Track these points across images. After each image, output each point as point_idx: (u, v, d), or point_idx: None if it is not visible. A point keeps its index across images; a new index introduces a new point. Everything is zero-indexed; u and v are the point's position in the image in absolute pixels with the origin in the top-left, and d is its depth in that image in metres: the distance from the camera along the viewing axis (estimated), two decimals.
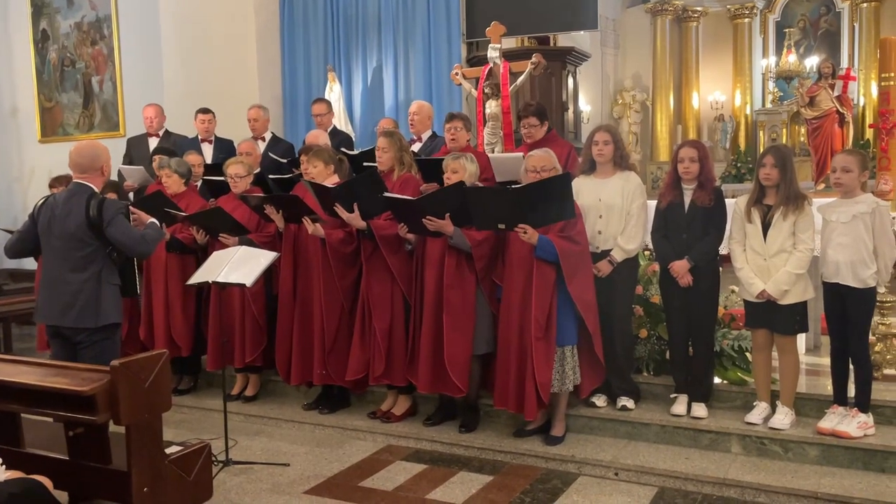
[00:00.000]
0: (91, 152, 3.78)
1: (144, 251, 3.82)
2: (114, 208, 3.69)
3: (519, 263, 4.14)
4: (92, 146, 3.86)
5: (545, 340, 4.07)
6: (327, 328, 4.74)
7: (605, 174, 4.44)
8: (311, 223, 4.64)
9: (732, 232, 4.17)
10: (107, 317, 3.74)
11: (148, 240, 3.81)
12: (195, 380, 5.69)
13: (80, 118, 9.76)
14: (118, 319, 3.85)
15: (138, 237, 3.75)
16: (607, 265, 4.32)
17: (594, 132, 4.49)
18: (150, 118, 6.92)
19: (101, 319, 3.72)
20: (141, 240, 3.76)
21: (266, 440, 4.74)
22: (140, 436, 2.87)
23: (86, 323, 3.69)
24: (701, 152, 4.20)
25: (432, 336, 4.39)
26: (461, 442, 4.41)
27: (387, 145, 4.61)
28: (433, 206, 4.18)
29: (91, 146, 3.86)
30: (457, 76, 6.12)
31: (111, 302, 3.76)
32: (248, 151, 5.74)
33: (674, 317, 4.33)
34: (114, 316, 3.79)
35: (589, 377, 4.28)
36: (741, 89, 12.98)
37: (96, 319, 3.71)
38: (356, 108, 8.28)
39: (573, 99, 8.33)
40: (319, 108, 6.52)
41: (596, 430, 4.39)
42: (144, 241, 3.78)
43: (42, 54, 9.88)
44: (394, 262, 4.51)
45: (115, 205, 3.73)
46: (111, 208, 3.68)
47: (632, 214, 4.34)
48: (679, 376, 4.37)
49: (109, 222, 3.64)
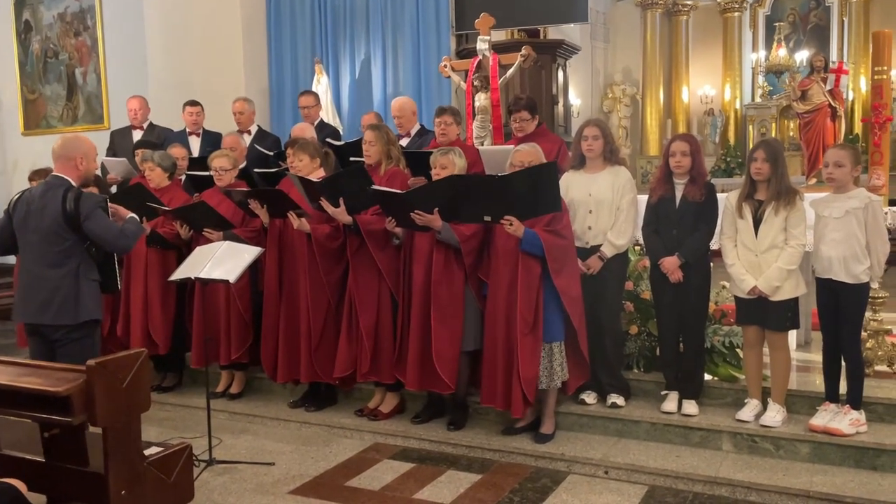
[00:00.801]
0: (69, 143, 3.68)
1: (124, 246, 3.73)
2: (92, 202, 3.59)
3: (505, 257, 4.07)
4: (74, 138, 3.77)
5: (531, 336, 4.01)
6: (313, 325, 4.66)
7: (595, 169, 4.38)
8: (296, 218, 4.55)
9: (723, 227, 4.12)
10: (86, 313, 3.65)
11: (127, 234, 3.71)
12: (180, 377, 5.60)
13: (63, 110, 9.64)
14: (98, 316, 3.76)
15: (117, 231, 3.65)
16: (597, 261, 4.27)
17: (583, 127, 4.44)
18: (134, 110, 6.81)
19: (80, 316, 3.63)
20: (120, 234, 3.66)
21: (251, 438, 4.66)
22: (118, 438, 2.78)
23: (64, 320, 3.60)
24: (693, 146, 4.14)
25: (420, 332, 4.32)
26: (449, 440, 4.34)
27: (374, 139, 4.53)
28: (422, 201, 4.10)
29: (73, 138, 3.77)
30: (445, 68, 6.04)
31: (90, 298, 3.67)
32: (233, 146, 5.63)
33: (664, 313, 4.28)
34: (93, 312, 3.69)
35: (575, 374, 4.23)
36: (731, 83, 12.96)
37: (75, 316, 3.62)
38: (344, 101, 8.18)
39: (563, 92, 8.27)
40: (307, 101, 6.42)
41: (586, 428, 4.33)
42: (124, 235, 3.68)
43: (25, 45, 9.73)
44: (380, 258, 4.43)
45: (92, 198, 3.63)
46: (89, 202, 3.58)
47: (622, 209, 4.28)
48: (669, 373, 4.32)
49: (87, 216, 3.55)
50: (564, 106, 8.26)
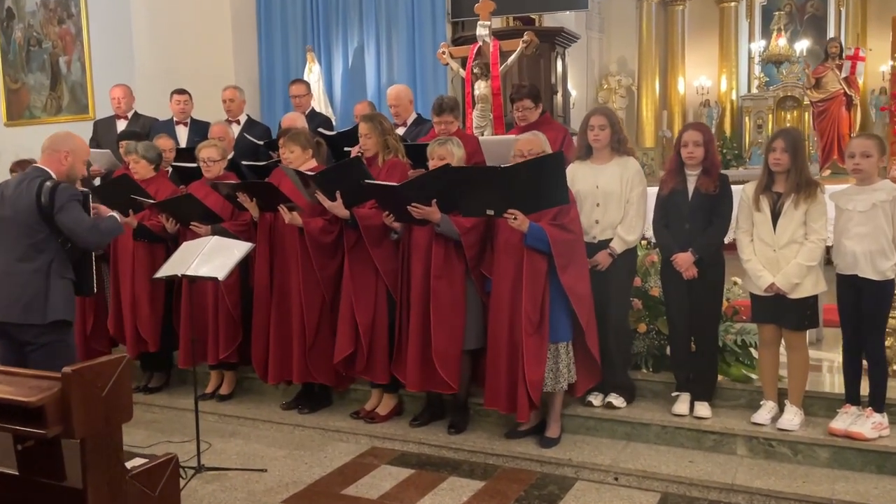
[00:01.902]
0: (59, 137, 3.50)
1: (95, 241, 3.49)
2: (67, 194, 3.36)
3: (508, 253, 3.87)
4: (67, 134, 3.60)
5: (537, 336, 3.81)
6: (308, 322, 4.44)
7: (602, 160, 4.17)
8: (287, 212, 4.33)
9: (739, 221, 3.92)
10: (55, 313, 3.41)
11: (101, 230, 3.49)
12: (167, 377, 5.36)
13: (47, 100, 9.40)
14: (69, 317, 3.51)
15: (89, 225, 3.42)
16: (606, 257, 4.07)
17: (589, 116, 4.22)
18: (118, 99, 6.55)
19: (49, 315, 3.39)
20: (92, 228, 3.43)
21: (242, 443, 4.45)
22: (97, 450, 2.56)
23: (33, 319, 3.37)
24: (706, 136, 3.94)
25: (420, 330, 4.11)
26: (450, 444, 4.14)
27: (368, 130, 4.31)
28: (418, 192, 3.89)
29: (67, 134, 3.60)
30: (444, 55, 5.80)
31: (61, 297, 3.43)
32: (221, 136, 5.40)
33: (675, 311, 4.08)
34: (63, 312, 3.45)
35: (585, 375, 4.03)
36: (727, 74, 12.79)
37: (44, 315, 3.38)
38: (336, 90, 7.94)
39: (562, 82, 8.05)
40: (298, 90, 6.18)
41: (593, 431, 4.14)
42: (97, 230, 3.45)
43: (7, 33, 9.47)
44: (377, 255, 4.21)
45: (69, 191, 3.39)
46: (64, 193, 3.35)
47: (631, 202, 4.08)
48: (681, 373, 4.13)
49: (60, 208, 3.32)
50: (563, 96, 8.03)
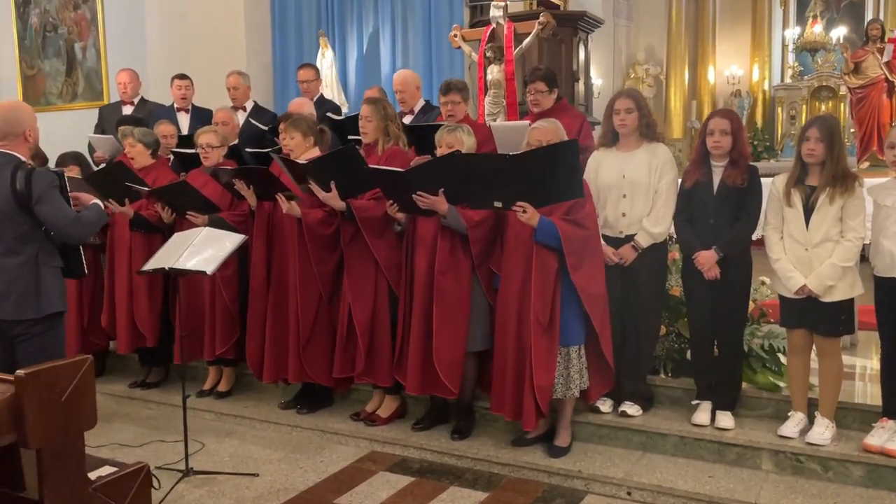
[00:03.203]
0: (11, 115, 3.23)
1: (79, 235, 3.28)
2: (45, 181, 3.14)
3: (517, 248, 3.60)
4: (13, 107, 3.32)
5: (546, 339, 3.54)
6: (302, 320, 4.21)
7: (630, 147, 3.87)
8: (285, 201, 4.10)
9: (768, 217, 3.62)
10: (49, 305, 3.23)
11: (84, 222, 3.26)
12: (166, 372, 5.18)
13: (63, 87, 9.30)
14: (62, 308, 3.32)
15: (72, 218, 3.20)
16: (631, 251, 3.78)
17: (615, 98, 3.91)
18: (124, 84, 6.38)
19: (43, 308, 3.21)
20: (75, 221, 3.21)
21: (237, 443, 4.25)
22: (55, 460, 2.35)
23: (26, 314, 3.19)
24: (734, 124, 3.63)
25: (422, 330, 3.86)
26: (453, 450, 3.90)
27: (370, 114, 4.05)
28: (424, 180, 3.63)
29: (12, 107, 3.32)
30: (456, 38, 5.51)
31: (53, 287, 3.25)
32: (224, 121, 5.18)
33: (697, 312, 3.79)
34: (57, 304, 3.26)
35: (597, 381, 3.75)
36: (759, 63, 12.32)
37: (38, 309, 3.20)
38: (350, 77, 7.71)
39: (584, 69, 7.71)
40: (306, 74, 5.94)
41: (606, 440, 3.87)
42: (79, 223, 3.23)
43: (24, 19, 9.36)
44: (378, 248, 3.97)
45: (45, 177, 3.17)
46: (41, 180, 3.13)
47: (660, 193, 3.77)
48: (702, 380, 3.84)
49: (39, 198, 3.11)
50: (586, 84, 7.69)
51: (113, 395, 5.08)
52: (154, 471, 3.81)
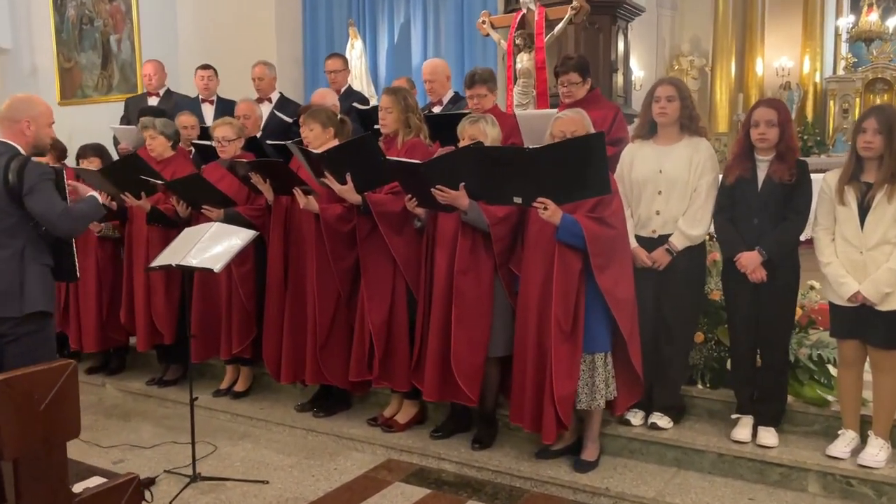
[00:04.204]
0: (15, 105, 3.12)
1: (68, 229, 3.13)
2: (37, 173, 3.00)
3: (538, 248, 3.36)
4: (24, 99, 3.21)
5: (568, 345, 3.29)
6: (320, 320, 4.03)
7: (669, 140, 3.59)
8: (302, 195, 3.92)
9: (818, 217, 3.31)
10: (32, 304, 3.08)
11: (74, 216, 3.12)
12: (184, 369, 5.04)
13: (98, 79, 9.33)
14: (47, 308, 3.17)
15: (61, 211, 3.06)
16: (665, 254, 3.51)
17: (655, 86, 3.60)
18: (149, 75, 6.29)
19: (26, 307, 3.07)
20: (64, 214, 3.07)
21: (250, 446, 4.09)
22: (34, 473, 2.19)
23: (8, 311, 3.05)
24: (782, 115, 3.32)
25: (441, 333, 3.65)
26: (473, 461, 3.67)
27: (390, 104, 3.84)
28: (443, 173, 3.40)
29: (23, 99, 3.21)
30: (484, 25, 5.26)
31: (38, 285, 3.10)
32: (246, 114, 5.02)
33: (739, 319, 3.50)
34: (41, 303, 3.12)
35: (626, 391, 3.49)
36: (810, 54, 11.77)
37: (20, 307, 3.06)
38: (381, 68, 7.53)
39: (624, 60, 7.39)
40: (334, 64, 5.76)
41: (637, 455, 3.61)
42: (69, 216, 3.09)
43: (61, 12, 9.41)
44: (395, 244, 3.76)
45: (39, 169, 3.03)
46: (34, 173, 3.00)
47: (699, 192, 3.49)
48: (743, 393, 3.55)
49: (30, 190, 2.98)
50: (625, 75, 7.37)
51: (130, 392, 4.98)
52: (162, 475, 3.74)
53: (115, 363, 5.29)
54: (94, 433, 4.34)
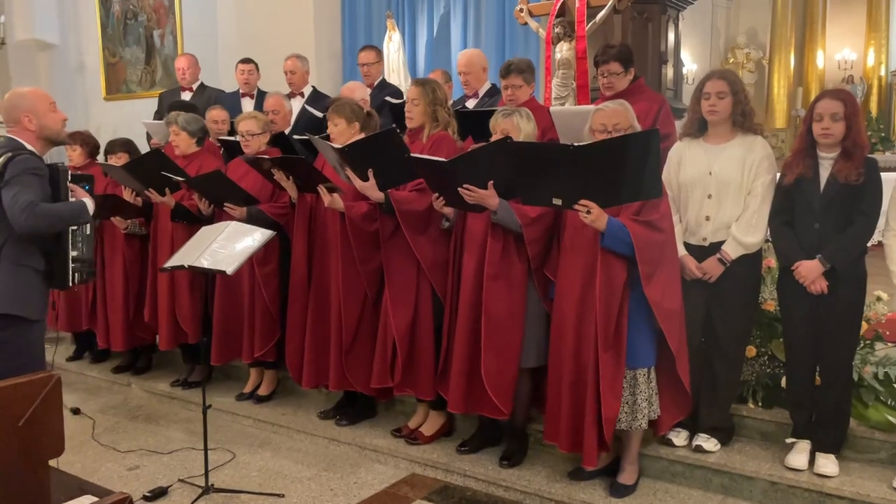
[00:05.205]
0: (14, 101, 2.97)
1: (28, 225, 2.83)
2: (23, 166, 2.82)
3: (577, 253, 3.09)
4: (14, 95, 3.06)
5: (611, 360, 3.01)
6: (345, 323, 3.83)
7: (720, 138, 3.27)
8: (326, 193, 3.72)
9: (889, 220, 2.98)
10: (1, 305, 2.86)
11: (41, 212, 2.84)
12: (210, 370, 4.91)
13: (142, 74, 9.35)
14: (21, 312, 2.91)
15: (25, 204, 2.80)
16: (717, 265, 3.20)
17: (705, 80, 3.29)
18: (182, 69, 6.20)
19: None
20: (27, 208, 2.79)
21: (269, 456, 3.91)
22: (11, 492, 2.03)
23: None
24: (849, 107, 2.98)
25: (468, 341, 3.41)
26: (501, 480, 3.42)
27: (417, 95, 3.61)
28: (471, 171, 3.15)
29: (13, 95, 3.06)
30: (522, 13, 4.98)
31: (10, 286, 2.88)
32: (275, 109, 4.84)
33: (797, 333, 3.17)
34: (10, 305, 2.87)
35: (670, 410, 3.20)
36: (875, 46, 11.14)
37: None
38: (419, 60, 7.30)
39: (674, 52, 7.01)
40: (367, 57, 5.56)
41: (679, 479, 3.31)
42: (32, 211, 2.81)
43: (106, 7, 9.46)
44: (419, 245, 3.53)
45: (27, 163, 2.84)
46: (18, 166, 2.81)
47: (755, 195, 3.17)
48: (800, 415, 3.22)
49: (7, 182, 2.80)
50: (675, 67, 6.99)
51: (155, 393, 4.86)
52: (176, 484, 3.59)
53: (142, 362, 5.20)
54: (114, 436, 4.23)
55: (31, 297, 2.97)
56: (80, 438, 4.17)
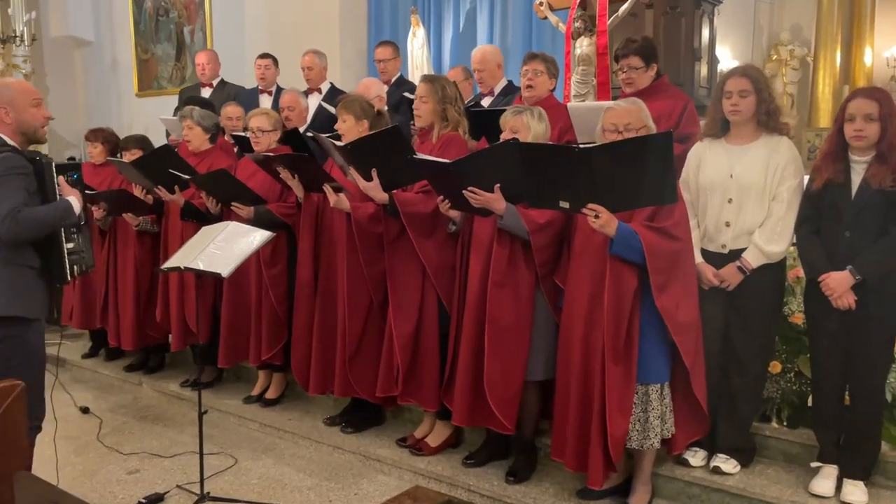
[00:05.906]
0: None
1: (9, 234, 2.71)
2: (4, 166, 2.72)
3: (585, 260, 2.91)
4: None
5: (620, 374, 2.83)
6: (350, 328, 3.70)
7: (743, 139, 3.06)
8: (332, 193, 3.59)
9: None
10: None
11: (23, 218, 2.72)
12: (220, 371, 4.84)
13: (173, 71, 9.39)
14: (19, 312, 2.82)
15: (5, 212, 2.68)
16: (736, 273, 2.99)
17: (725, 78, 3.08)
18: (202, 65, 6.15)
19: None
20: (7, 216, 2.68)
21: (271, 463, 3.81)
22: None
23: None
24: (884, 107, 2.75)
25: (473, 352, 3.25)
26: (506, 496, 3.26)
27: (425, 93, 3.46)
28: (476, 173, 3.00)
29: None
30: (541, 7, 4.80)
31: (10, 288, 2.80)
32: (290, 105, 4.75)
33: (824, 349, 2.95)
34: (9, 307, 2.79)
35: (686, 427, 3.00)
36: None
37: None
38: (445, 57, 7.16)
39: (709, 48, 6.76)
40: (383, 53, 5.42)
41: (695, 502, 3.11)
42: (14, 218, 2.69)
43: (139, 3, 9.53)
44: (424, 249, 3.38)
45: (7, 162, 2.75)
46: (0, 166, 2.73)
47: (780, 200, 2.96)
48: (827, 437, 2.99)
49: None
50: (709, 64, 6.74)
51: (165, 393, 4.81)
52: (173, 490, 3.51)
53: (154, 361, 5.14)
54: (119, 437, 4.18)
55: (28, 295, 2.87)
56: (85, 439, 4.12)
